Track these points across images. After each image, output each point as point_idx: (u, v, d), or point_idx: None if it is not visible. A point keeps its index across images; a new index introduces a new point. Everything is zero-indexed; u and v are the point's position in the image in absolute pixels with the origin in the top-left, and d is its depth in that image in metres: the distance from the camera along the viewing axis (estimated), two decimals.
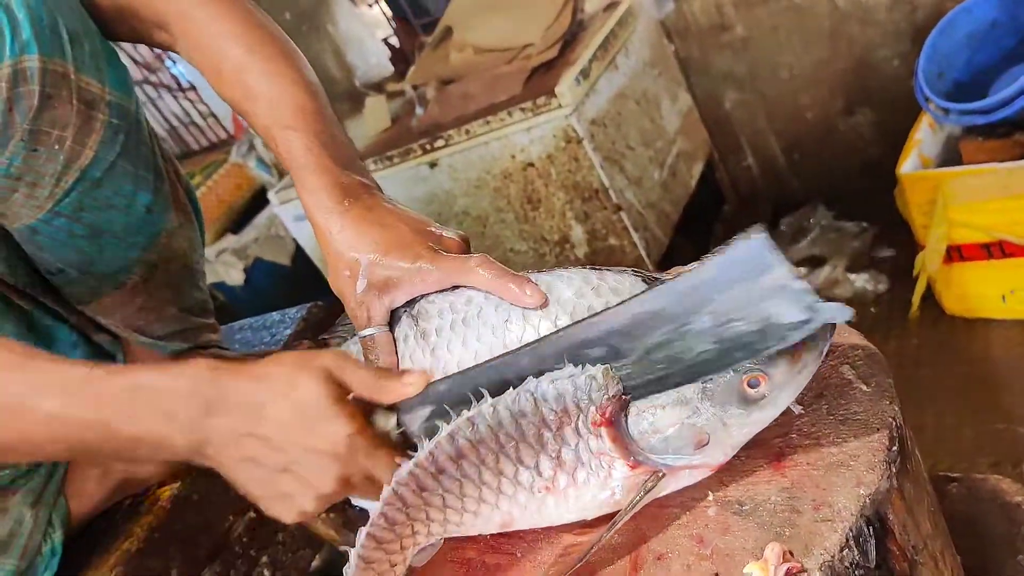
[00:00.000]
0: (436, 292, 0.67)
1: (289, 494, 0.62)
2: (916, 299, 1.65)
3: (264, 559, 1.01)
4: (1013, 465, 1.35)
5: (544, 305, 0.63)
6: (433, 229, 0.69)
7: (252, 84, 0.75)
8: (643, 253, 1.89)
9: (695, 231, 2.05)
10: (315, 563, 1.07)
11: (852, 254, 1.87)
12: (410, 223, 0.69)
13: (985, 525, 0.80)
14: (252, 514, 1.01)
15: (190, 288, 0.97)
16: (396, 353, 0.68)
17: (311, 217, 0.70)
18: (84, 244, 0.84)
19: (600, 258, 1.94)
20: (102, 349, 0.95)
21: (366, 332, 0.68)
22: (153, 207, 0.88)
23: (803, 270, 1.92)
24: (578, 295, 0.62)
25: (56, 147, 0.77)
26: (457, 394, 0.61)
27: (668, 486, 0.59)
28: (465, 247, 0.69)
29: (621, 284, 0.62)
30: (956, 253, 1.59)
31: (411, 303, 0.68)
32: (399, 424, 0.63)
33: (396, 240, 0.67)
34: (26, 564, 0.90)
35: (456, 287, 0.67)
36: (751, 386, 0.55)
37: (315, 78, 0.79)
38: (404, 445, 0.63)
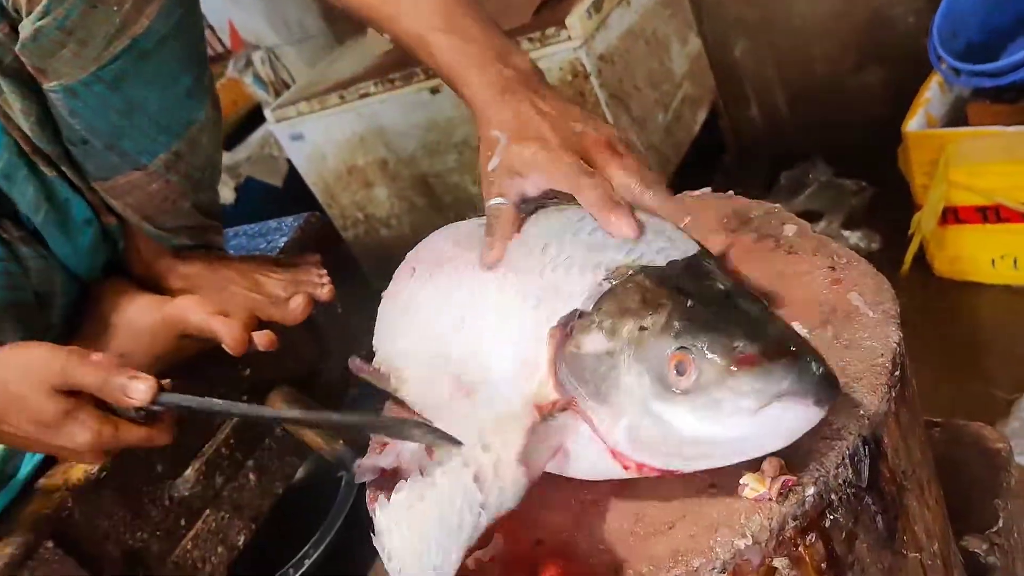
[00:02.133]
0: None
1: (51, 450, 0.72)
2: (908, 258, 1.66)
3: (250, 463, 1.02)
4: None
5: (638, 235, 0.58)
6: (578, 126, 0.65)
7: None
8: None
9: (694, 178, 2.03)
10: (301, 471, 1.08)
11: (849, 211, 1.87)
12: (559, 115, 0.65)
13: (966, 469, 0.82)
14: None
15: (208, 188, 0.96)
16: (519, 228, 0.65)
17: (473, 108, 0.69)
18: (116, 118, 0.83)
19: None
20: (109, 233, 0.94)
21: (493, 202, 0.66)
22: (192, 93, 0.86)
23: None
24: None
25: (115, 8, 0.76)
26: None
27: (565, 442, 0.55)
28: (609, 147, 0.65)
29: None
30: (952, 215, 1.60)
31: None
32: None
33: (535, 130, 0.65)
34: (9, 452, 0.90)
35: None
36: (677, 370, 0.49)
37: None
38: None
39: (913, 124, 1.63)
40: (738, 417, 0.47)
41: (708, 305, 0.51)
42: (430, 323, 0.68)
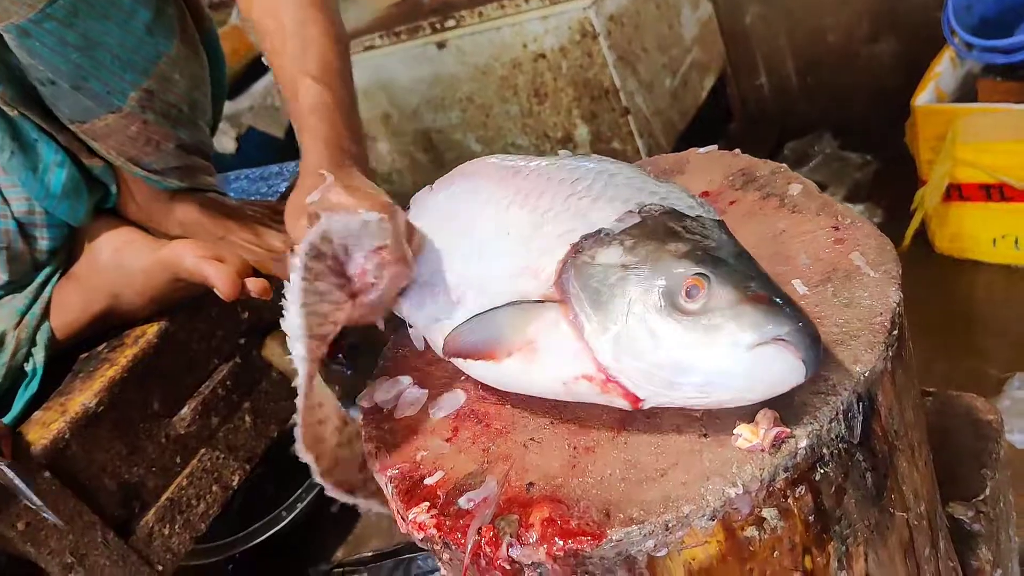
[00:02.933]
0: None
1: None
2: (909, 233, 1.66)
3: (246, 405, 1.03)
4: None
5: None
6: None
7: (286, 22, 0.74)
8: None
9: (699, 145, 2.02)
10: (296, 417, 1.08)
11: (853, 184, 1.87)
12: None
13: (955, 438, 0.83)
14: (237, 359, 1.02)
15: (190, 125, 0.95)
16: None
17: (304, 161, 0.71)
18: (77, 56, 0.81)
19: None
20: (91, 174, 0.93)
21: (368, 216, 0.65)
22: (153, 28, 0.84)
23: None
24: None
25: None
26: None
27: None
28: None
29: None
30: (956, 192, 1.59)
31: None
32: None
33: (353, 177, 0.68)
34: (8, 382, 0.90)
35: None
36: (688, 293, 0.50)
37: (345, 32, 0.78)
38: None
39: (923, 98, 1.62)
40: (731, 348, 0.49)
41: (728, 253, 0.53)
42: (449, 217, 0.69)
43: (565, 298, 0.56)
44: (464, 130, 2.05)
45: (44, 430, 0.85)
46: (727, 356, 0.49)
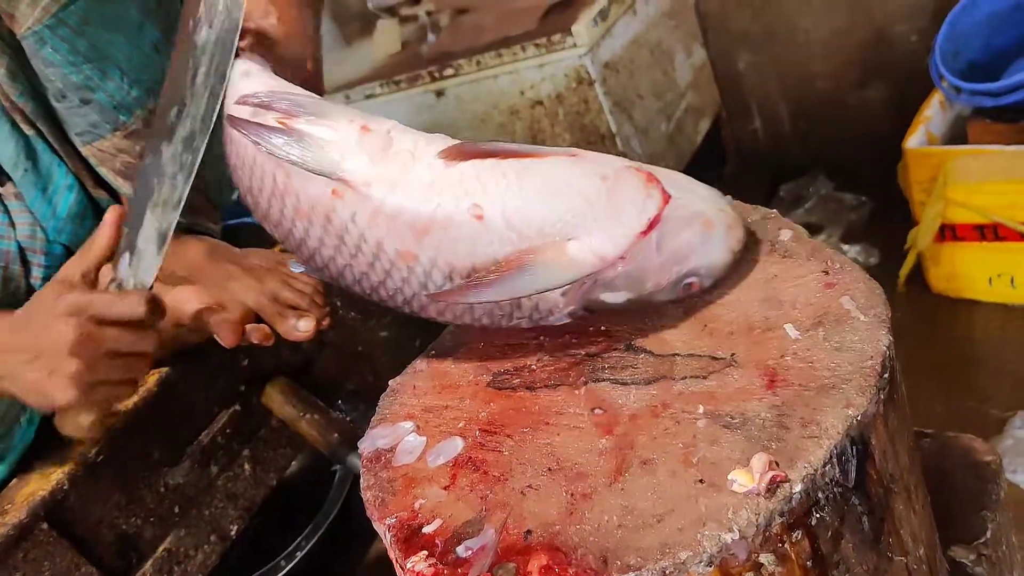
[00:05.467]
0: None
1: (38, 379, 0.72)
2: (904, 273, 1.67)
3: (245, 453, 1.03)
4: None
5: None
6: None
7: None
8: None
9: None
10: (295, 463, 1.09)
11: (848, 225, 1.88)
12: (316, 46, 0.84)
13: (954, 480, 0.83)
14: (237, 407, 1.02)
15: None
16: None
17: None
18: (87, 67, 0.85)
19: None
20: (99, 206, 0.95)
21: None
22: (161, 48, 0.88)
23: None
24: None
25: None
26: None
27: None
28: None
29: None
30: (950, 232, 1.61)
31: None
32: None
33: (296, 25, 0.80)
34: (4, 430, 0.91)
35: None
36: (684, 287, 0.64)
37: None
38: None
39: (913, 141, 1.64)
40: (713, 190, 0.69)
41: None
42: None
43: None
44: None
45: (43, 480, 0.85)
46: (712, 190, 0.68)
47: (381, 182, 0.64)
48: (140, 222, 0.74)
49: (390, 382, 0.78)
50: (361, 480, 0.69)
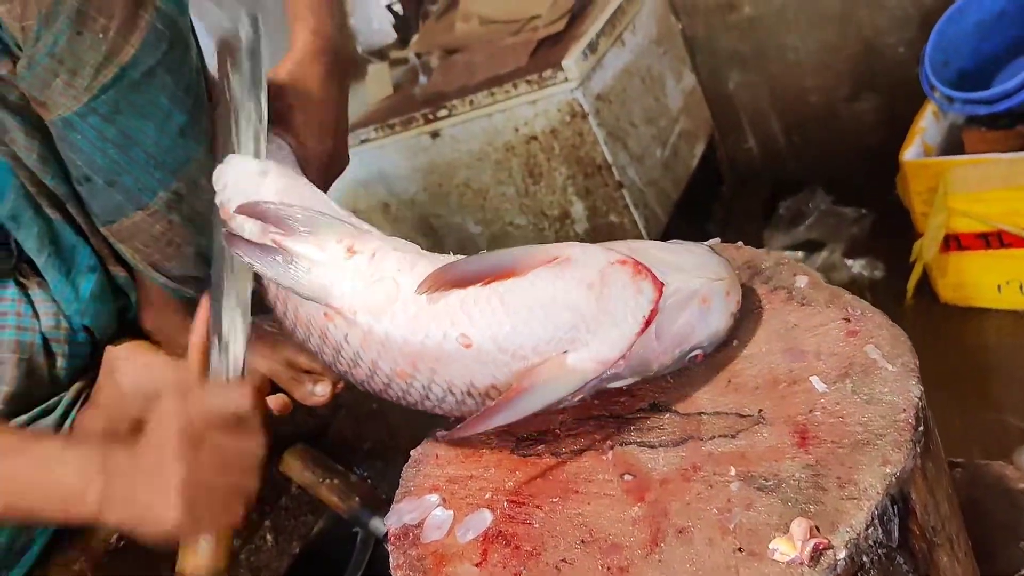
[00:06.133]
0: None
1: (148, 499, 0.70)
2: (911, 286, 1.66)
3: (267, 523, 1.01)
4: (1003, 455, 1.37)
5: None
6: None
7: None
8: (643, 231, 1.89)
9: (694, 211, 2.05)
10: (316, 528, 1.07)
11: (850, 240, 1.88)
12: (338, 116, 0.87)
13: (988, 511, 0.82)
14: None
15: (212, 234, 0.96)
16: None
17: (292, 44, 0.86)
18: (114, 152, 0.84)
19: (600, 234, 1.94)
20: (116, 283, 0.95)
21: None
22: (187, 131, 0.87)
23: (800, 254, 1.93)
24: None
25: (100, 35, 0.79)
26: None
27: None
28: None
29: None
30: (954, 242, 1.61)
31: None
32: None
33: (316, 110, 0.85)
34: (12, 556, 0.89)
35: None
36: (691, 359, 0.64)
37: None
38: None
39: (910, 153, 1.65)
40: (703, 251, 0.67)
41: None
42: None
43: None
44: (463, 214, 2.08)
45: (66, 572, 0.84)
46: (703, 253, 0.66)
47: (367, 311, 0.66)
48: (220, 301, 0.76)
49: (412, 452, 0.77)
50: (391, 559, 0.68)
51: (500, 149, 1.93)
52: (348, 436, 1.12)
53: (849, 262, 1.84)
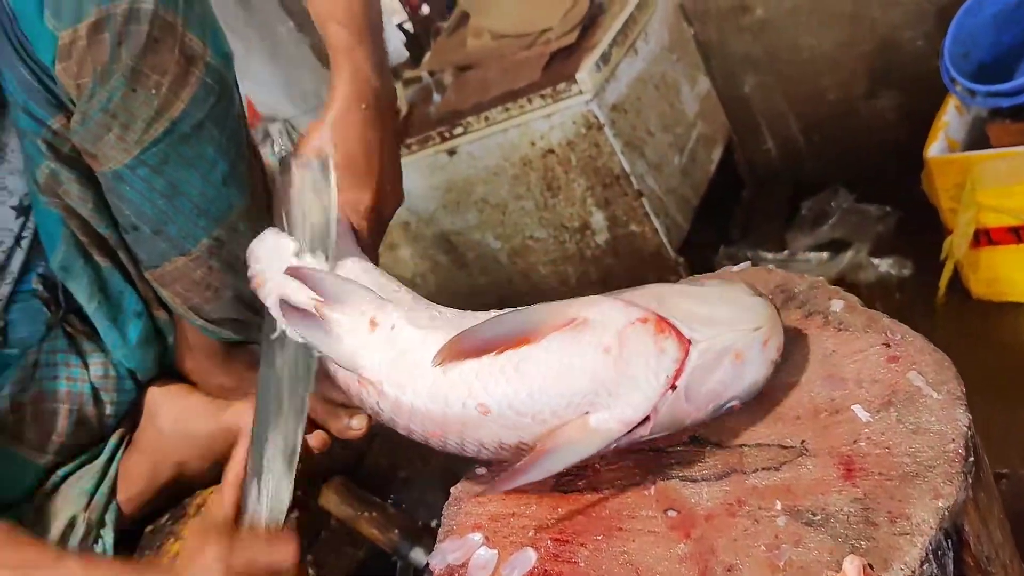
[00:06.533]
0: None
1: None
2: (943, 284, 1.64)
3: (308, 557, 1.02)
4: None
5: None
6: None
7: None
8: (664, 239, 1.89)
9: (715, 216, 2.03)
10: (358, 560, 1.08)
11: (876, 238, 1.86)
12: (382, 161, 0.85)
13: None
14: (296, 513, 1.01)
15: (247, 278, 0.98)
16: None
17: (331, 93, 0.85)
18: (161, 202, 0.87)
19: (621, 244, 1.93)
20: (157, 326, 0.96)
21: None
22: (229, 180, 0.90)
23: (825, 255, 1.91)
24: None
25: (153, 91, 0.82)
26: None
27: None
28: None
29: None
30: (984, 237, 1.58)
31: None
32: None
33: (356, 160, 0.83)
34: None
35: None
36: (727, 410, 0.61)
37: None
38: None
39: (934, 149, 1.62)
40: (741, 294, 0.64)
41: None
42: None
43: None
44: (482, 230, 2.08)
45: None
46: (740, 296, 0.62)
47: (392, 384, 0.67)
48: (264, 441, 0.74)
49: (451, 489, 0.77)
50: None
51: (517, 164, 1.93)
52: (383, 466, 1.13)
53: (876, 261, 1.82)
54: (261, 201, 1.01)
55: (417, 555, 1.00)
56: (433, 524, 1.05)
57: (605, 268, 2.00)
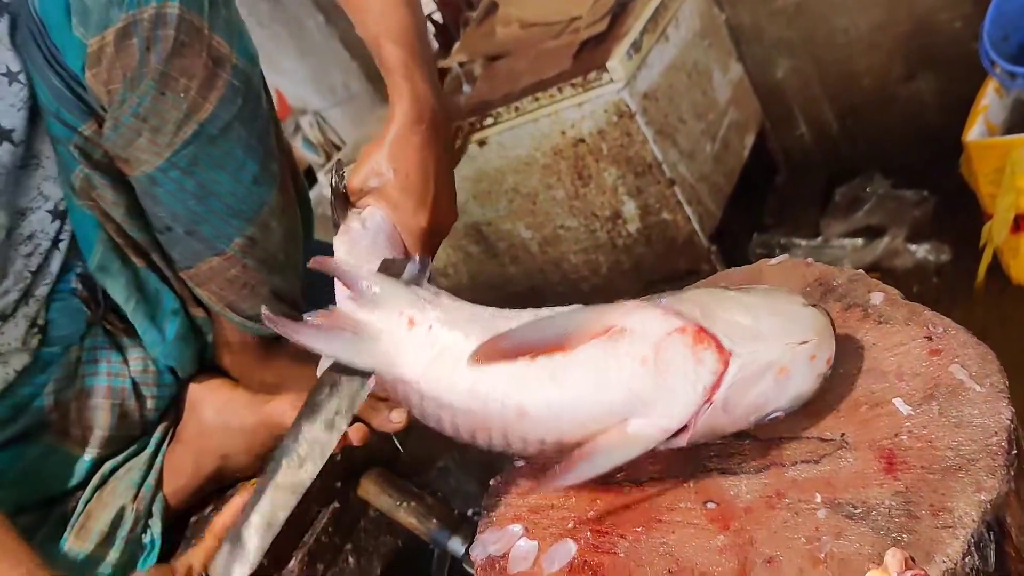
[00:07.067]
0: None
1: None
2: (982, 269, 1.61)
3: (348, 546, 1.04)
4: None
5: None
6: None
7: None
8: (696, 227, 1.88)
9: (748, 203, 2.02)
10: (396, 549, 1.10)
11: (912, 224, 1.83)
12: (438, 182, 0.87)
13: None
14: (336, 504, 1.03)
15: (283, 275, 0.99)
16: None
17: (391, 115, 0.86)
18: (193, 203, 0.89)
19: (653, 232, 1.92)
20: (195, 323, 0.98)
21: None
22: (260, 179, 0.91)
23: (860, 241, 1.88)
24: None
25: (182, 95, 0.83)
26: None
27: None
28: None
29: None
30: None
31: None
32: None
33: (413, 183, 0.85)
34: (127, 556, 0.94)
35: None
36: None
37: None
38: None
39: (974, 133, 1.59)
40: (791, 304, 0.61)
41: None
42: None
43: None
44: (513, 220, 2.09)
45: None
46: (789, 306, 0.60)
47: (429, 382, 0.68)
48: (254, 505, 0.71)
49: (491, 481, 0.79)
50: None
51: (548, 153, 1.93)
52: (421, 456, 1.14)
53: (913, 247, 1.79)
54: (292, 198, 1.02)
55: (455, 544, 1.01)
56: (470, 514, 1.06)
57: (637, 257, 1.99)
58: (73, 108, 0.86)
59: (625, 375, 0.60)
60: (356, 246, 0.84)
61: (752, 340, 0.58)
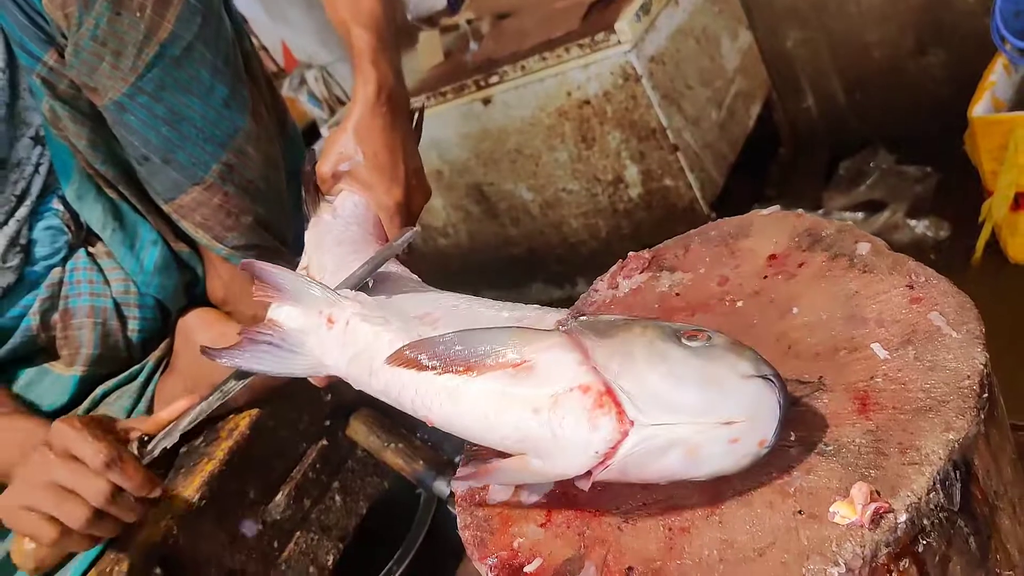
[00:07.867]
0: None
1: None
2: (980, 245, 1.62)
3: (335, 484, 1.06)
4: None
5: None
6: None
7: None
8: (698, 194, 1.88)
9: (751, 173, 2.02)
10: (382, 490, 1.12)
11: (913, 199, 1.83)
12: (407, 159, 0.89)
13: None
14: (324, 441, 1.05)
15: (266, 203, 1.00)
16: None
17: (354, 98, 0.89)
18: (166, 130, 0.90)
19: (654, 198, 1.92)
20: (180, 258, 1.00)
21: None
22: (230, 103, 0.92)
23: (860, 215, 1.88)
24: None
25: (137, 14, 0.84)
26: None
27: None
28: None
29: None
30: None
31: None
32: None
33: (383, 162, 0.87)
34: None
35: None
36: (690, 337, 0.55)
37: None
38: None
39: (979, 109, 1.59)
40: (729, 371, 0.53)
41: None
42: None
43: (569, 332, 0.59)
44: (515, 180, 2.09)
45: (154, 527, 0.90)
46: (726, 377, 0.53)
47: (352, 379, 0.70)
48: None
49: None
50: (458, 520, 0.70)
51: (552, 114, 1.92)
52: None
53: (912, 222, 1.79)
54: (271, 129, 1.03)
55: (440, 486, 1.03)
56: (456, 460, 1.08)
57: (637, 222, 2.00)
58: (34, 38, 0.87)
59: (514, 418, 0.57)
60: (323, 240, 0.85)
61: (663, 412, 0.52)
